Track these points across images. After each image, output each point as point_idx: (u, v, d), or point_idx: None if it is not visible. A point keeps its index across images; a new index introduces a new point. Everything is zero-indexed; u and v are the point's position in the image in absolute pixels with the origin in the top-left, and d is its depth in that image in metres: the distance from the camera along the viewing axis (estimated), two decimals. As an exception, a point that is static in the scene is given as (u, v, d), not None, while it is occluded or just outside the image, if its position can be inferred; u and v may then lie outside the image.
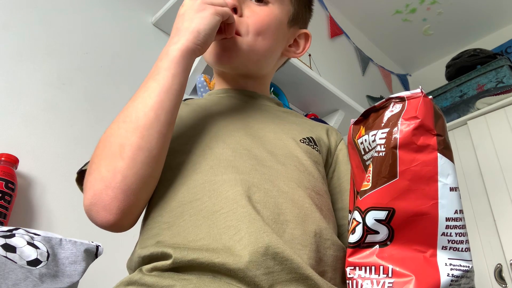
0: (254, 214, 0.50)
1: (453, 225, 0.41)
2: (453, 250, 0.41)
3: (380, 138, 0.43)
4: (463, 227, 0.42)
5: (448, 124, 1.95)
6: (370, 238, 0.43)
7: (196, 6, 0.59)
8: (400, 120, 0.42)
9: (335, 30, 2.34)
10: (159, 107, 0.55)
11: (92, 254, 0.76)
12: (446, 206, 0.41)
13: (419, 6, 2.44)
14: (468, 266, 0.41)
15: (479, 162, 1.78)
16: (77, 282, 0.71)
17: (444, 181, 0.41)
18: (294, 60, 1.60)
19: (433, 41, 2.66)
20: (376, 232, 0.42)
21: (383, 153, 0.42)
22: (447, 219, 0.41)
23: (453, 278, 0.40)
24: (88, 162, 0.60)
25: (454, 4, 2.41)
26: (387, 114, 0.44)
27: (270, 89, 1.68)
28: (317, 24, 2.28)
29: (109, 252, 0.91)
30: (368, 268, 0.42)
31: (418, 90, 0.44)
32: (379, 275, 0.41)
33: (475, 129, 1.86)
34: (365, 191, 0.44)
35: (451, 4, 2.41)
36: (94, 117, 1.22)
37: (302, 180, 0.60)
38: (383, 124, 0.44)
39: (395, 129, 0.42)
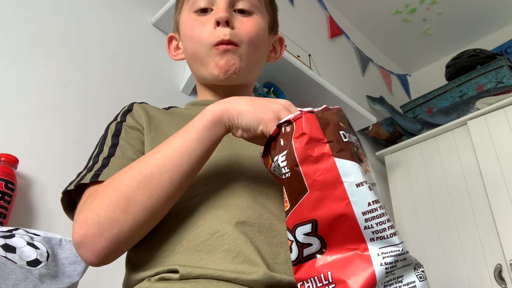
0: (250, 237, 0.53)
1: (371, 217, 0.43)
2: (380, 239, 0.43)
3: (282, 161, 0.47)
4: (382, 215, 0.44)
5: (448, 124, 1.95)
6: (306, 251, 0.45)
7: (272, 105, 0.52)
8: (292, 140, 0.46)
9: (335, 30, 2.34)
10: (175, 171, 0.53)
11: (92, 254, 0.76)
12: (358, 202, 0.43)
13: (419, 6, 2.44)
14: (399, 249, 0.44)
15: (479, 162, 1.78)
16: (77, 282, 0.71)
17: (348, 180, 0.44)
18: (294, 60, 1.60)
19: (433, 41, 2.66)
20: (310, 245, 0.45)
21: (289, 173, 0.46)
22: (364, 213, 0.43)
23: (387, 266, 0.42)
24: (74, 181, 0.59)
25: (454, 4, 2.41)
26: (281, 138, 0.48)
27: (270, 89, 1.68)
28: (317, 24, 2.28)
29: (109, 252, 0.91)
30: (312, 279, 0.44)
31: (298, 112, 0.48)
32: (322, 283, 0.43)
33: (475, 129, 1.85)
34: (287, 212, 0.47)
35: (451, 4, 2.41)
36: (94, 117, 1.22)
37: None
38: (281, 148, 0.48)
39: (291, 149, 0.46)
